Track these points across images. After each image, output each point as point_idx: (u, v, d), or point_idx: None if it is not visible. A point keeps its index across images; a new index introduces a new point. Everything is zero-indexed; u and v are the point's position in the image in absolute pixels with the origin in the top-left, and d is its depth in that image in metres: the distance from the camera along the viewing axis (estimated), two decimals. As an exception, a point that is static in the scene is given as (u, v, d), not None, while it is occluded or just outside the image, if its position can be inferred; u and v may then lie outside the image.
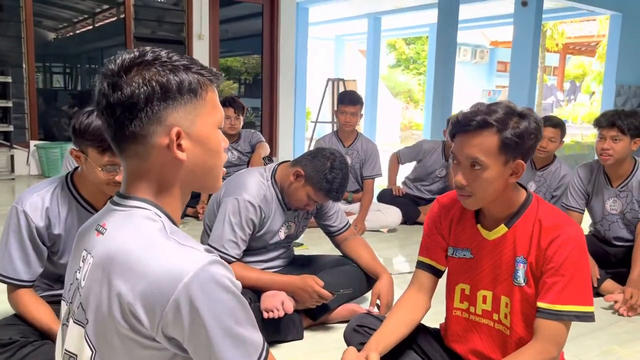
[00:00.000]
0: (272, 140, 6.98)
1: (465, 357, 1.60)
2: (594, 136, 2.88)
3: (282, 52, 6.78)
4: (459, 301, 1.58)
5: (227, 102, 3.90)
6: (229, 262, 2.08)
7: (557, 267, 1.36)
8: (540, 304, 1.37)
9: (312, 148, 2.93)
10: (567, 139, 3.72)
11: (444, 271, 1.63)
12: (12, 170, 5.43)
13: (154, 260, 0.80)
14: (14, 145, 5.43)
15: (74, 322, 0.91)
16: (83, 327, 0.88)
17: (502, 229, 1.46)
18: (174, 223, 0.90)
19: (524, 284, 1.43)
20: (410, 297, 1.62)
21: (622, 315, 2.46)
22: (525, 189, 1.50)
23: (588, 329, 2.20)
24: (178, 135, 0.85)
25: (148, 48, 0.88)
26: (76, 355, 0.90)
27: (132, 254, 0.82)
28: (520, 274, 1.44)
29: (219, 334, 0.80)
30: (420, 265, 1.64)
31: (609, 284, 2.66)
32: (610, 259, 2.83)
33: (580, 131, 12.33)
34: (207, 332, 0.80)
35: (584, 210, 2.90)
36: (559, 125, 3.22)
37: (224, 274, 0.82)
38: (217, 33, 6.40)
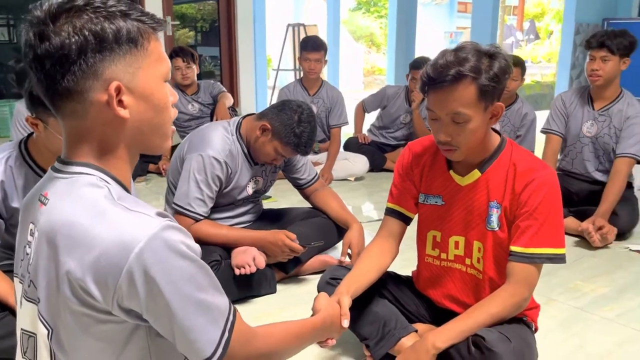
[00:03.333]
0: (233, 90, 6.77)
1: (438, 302, 1.62)
2: (553, 75, 2.91)
3: (239, -4, 6.49)
4: (431, 248, 1.59)
5: (173, 52, 3.76)
6: (197, 221, 2.02)
7: (531, 211, 1.37)
8: (513, 248, 1.39)
9: (275, 97, 2.84)
10: (527, 79, 3.75)
11: (413, 218, 1.62)
12: (-42, 131, 5.15)
13: (101, 230, 0.74)
14: (-42, 105, 5.13)
15: (26, 299, 0.85)
16: (36, 304, 0.82)
17: (476, 174, 1.46)
18: (124, 187, 0.83)
19: (497, 229, 1.44)
20: (380, 243, 1.62)
21: (596, 244, 2.55)
22: (499, 133, 1.48)
23: (553, 267, 2.26)
24: (118, 91, 0.77)
25: None
26: (35, 335, 0.85)
27: (77, 225, 0.75)
28: (494, 218, 1.44)
29: (180, 303, 0.76)
30: (389, 212, 1.63)
31: (570, 221, 2.73)
32: (573, 197, 2.90)
33: (540, 71, 12.45)
34: (166, 302, 0.75)
35: (563, 135, 2.94)
36: (519, 64, 3.25)
37: (179, 239, 0.76)
38: (169, -22, 6.06)
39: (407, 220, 1.63)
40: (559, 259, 1.39)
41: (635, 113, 2.70)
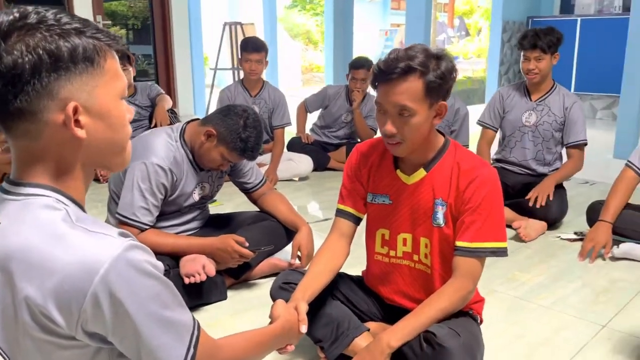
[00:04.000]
0: (170, 90, 6.62)
1: (389, 299, 1.67)
2: (483, 71, 3.09)
3: (173, -6, 6.34)
4: (380, 246, 1.64)
5: None
6: (142, 230, 1.98)
7: (474, 207, 1.43)
8: (458, 243, 1.45)
9: (214, 96, 2.80)
10: (459, 75, 3.91)
11: (363, 218, 1.66)
12: None
13: (61, 254, 0.72)
14: None
15: None
16: None
17: (421, 172, 1.51)
18: (81, 207, 0.81)
19: (443, 225, 1.50)
20: (331, 244, 1.65)
21: (524, 240, 2.69)
22: (443, 134, 1.54)
23: (493, 259, 2.35)
24: (75, 111, 0.75)
25: (30, 8, 0.75)
26: None
27: (34, 250, 0.73)
28: (440, 215, 1.50)
29: (146, 322, 0.76)
30: (340, 213, 1.66)
31: (506, 212, 2.86)
32: (509, 190, 3.04)
33: (471, 66, 12.91)
34: (133, 323, 0.75)
35: (497, 129, 3.16)
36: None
37: (144, 258, 0.76)
38: (98, -25, 5.82)
39: (357, 221, 1.66)
40: (502, 252, 1.46)
41: (572, 103, 2.95)
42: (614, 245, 2.47)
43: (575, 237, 2.74)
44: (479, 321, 1.60)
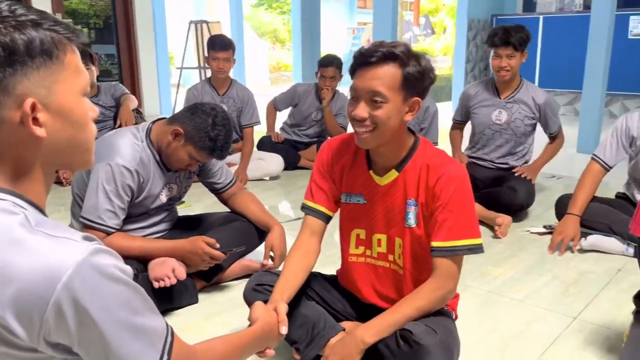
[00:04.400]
0: (135, 90, 6.48)
1: (364, 299, 1.65)
2: (450, 68, 3.16)
3: (137, -8, 6.20)
4: (355, 246, 1.61)
5: None
6: (108, 234, 1.91)
7: (444, 204, 1.42)
8: (433, 243, 1.43)
9: (180, 96, 2.74)
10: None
11: (332, 216, 1.64)
12: None
13: (20, 261, 0.67)
14: None
15: None
16: None
17: (393, 173, 1.49)
18: (41, 211, 0.76)
19: (414, 225, 1.49)
20: (303, 243, 1.62)
21: (498, 237, 2.72)
22: (414, 133, 1.52)
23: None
24: (33, 108, 0.71)
25: None
26: None
27: None
28: (411, 215, 1.49)
29: (115, 330, 0.71)
30: (310, 211, 1.63)
31: (476, 207, 2.88)
32: (478, 184, 3.07)
33: (438, 64, 13.06)
34: (100, 331, 0.70)
35: (464, 123, 3.30)
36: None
37: (110, 262, 0.71)
38: (57, -28, 5.64)
39: (327, 219, 1.64)
40: (477, 248, 1.45)
41: (543, 100, 3.03)
42: (582, 237, 2.52)
43: (544, 230, 2.78)
44: (454, 317, 1.59)
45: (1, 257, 0.68)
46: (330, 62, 3.95)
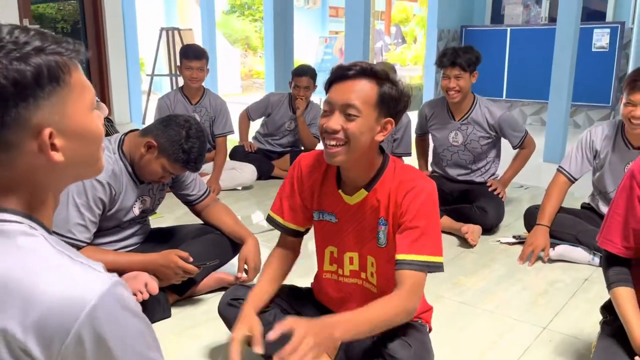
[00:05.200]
0: (105, 97, 6.37)
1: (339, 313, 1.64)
2: (420, 77, 3.17)
3: (107, -2, 6.11)
4: (329, 263, 1.61)
5: None
6: (79, 248, 1.87)
7: (410, 218, 1.40)
8: (397, 256, 1.40)
9: (152, 104, 2.71)
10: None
11: (302, 230, 1.64)
12: None
13: (46, 286, 0.67)
14: None
15: None
16: None
17: (362, 193, 1.48)
18: (51, 235, 0.76)
19: (384, 245, 1.47)
20: (279, 255, 1.65)
21: (471, 245, 2.76)
22: (383, 151, 1.51)
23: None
24: (50, 136, 0.71)
25: None
26: None
27: (13, 280, 0.67)
28: (382, 235, 1.48)
29: None
30: (277, 226, 1.64)
31: (445, 220, 2.92)
32: (447, 197, 3.12)
33: (408, 73, 13.23)
34: None
35: (426, 134, 3.34)
36: (391, 68, 3.44)
37: (129, 295, 0.72)
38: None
39: (297, 233, 1.64)
40: (437, 267, 1.41)
41: (496, 119, 3.02)
42: (550, 247, 2.58)
43: (514, 240, 2.84)
44: (428, 330, 1.61)
45: (26, 281, 0.67)
46: (305, 72, 3.96)
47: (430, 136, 3.30)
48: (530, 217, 2.72)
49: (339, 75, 1.38)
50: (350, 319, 1.37)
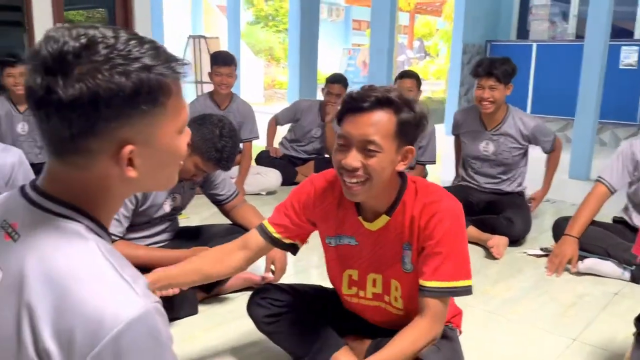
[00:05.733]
0: (131, 102, 6.46)
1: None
2: (443, 92, 3.16)
3: (137, 6, 6.23)
4: (347, 287, 1.56)
5: None
6: (112, 242, 1.89)
7: (434, 244, 1.36)
8: (421, 282, 1.37)
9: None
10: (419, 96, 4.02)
11: (279, 239, 1.59)
12: None
13: (86, 292, 0.65)
14: None
15: None
16: None
17: (384, 218, 1.42)
18: (108, 236, 0.76)
19: (411, 271, 1.43)
20: (228, 251, 1.64)
21: (496, 257, 2.74)
22: (400, 173, 1.43)
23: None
24: (130, 152, 0.70)
25: (97, 33, 0.68)
26: None
27: (61, 282, 0.66)
28: (407, 260, 1.43)
29: None
30: (262, 232, 1.61)
31: (472, 230, 2.90)
32: (474, 207, 3.10)
33: (430, 87, 13.23)
34: None
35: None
36: (414, 76, 3.61)
37: (162, 327, 0.69)
38: (59, -18, 5.66)
39: (274, 243, 1.60)
40: (464, 291, 1.37)
41: (530, 129, 3.01)
42: (579, 260, 2.54)
43: (541, 252, 2.81)
44: (458, 334, 1.60)
45: (72, 284, 0.66)
46: (338, 80, 4.04)
47: (461, 142, 3.28)
48: (559, 229, 2.68)
49: (353, 107, 1.29)
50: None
